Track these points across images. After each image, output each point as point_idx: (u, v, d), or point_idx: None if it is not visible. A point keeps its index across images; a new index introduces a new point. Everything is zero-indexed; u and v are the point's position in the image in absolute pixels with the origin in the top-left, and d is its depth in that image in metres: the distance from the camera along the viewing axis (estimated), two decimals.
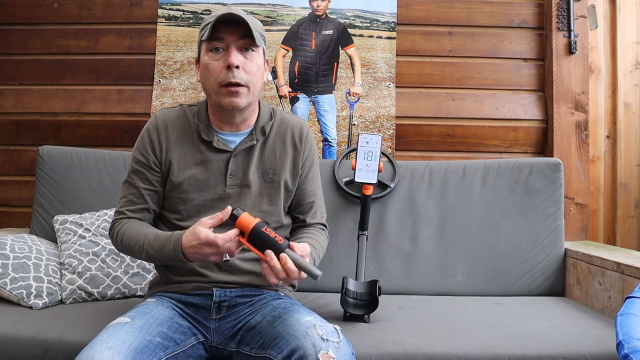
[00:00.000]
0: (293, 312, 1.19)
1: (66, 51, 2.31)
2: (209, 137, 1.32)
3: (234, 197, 1.32)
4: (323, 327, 1.10)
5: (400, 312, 1.61)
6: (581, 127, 2.20)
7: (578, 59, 2.22)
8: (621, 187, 2.40)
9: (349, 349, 1.09)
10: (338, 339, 1.08)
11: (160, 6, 2.31)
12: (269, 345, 1.13)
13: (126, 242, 1.27)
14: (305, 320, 1.12)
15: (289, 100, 2.26)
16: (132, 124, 2.25)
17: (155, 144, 1.33)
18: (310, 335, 1.06)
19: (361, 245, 1.72)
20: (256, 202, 1.34)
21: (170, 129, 1.34)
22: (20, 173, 2.29)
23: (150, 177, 1.33)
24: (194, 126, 1.34)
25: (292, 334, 1.09)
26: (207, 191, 1.32)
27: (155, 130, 1.34)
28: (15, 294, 1.58)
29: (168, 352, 1.12)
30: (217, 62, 1.26)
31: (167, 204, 1.35)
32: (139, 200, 1.33)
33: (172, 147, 1.33)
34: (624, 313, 1.12)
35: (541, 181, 1.93)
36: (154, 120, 1.37)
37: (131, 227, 1.29)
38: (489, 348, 1.29)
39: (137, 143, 1.37)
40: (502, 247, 1.89)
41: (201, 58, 1.30)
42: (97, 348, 1.01)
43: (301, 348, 1.04)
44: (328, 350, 1.03)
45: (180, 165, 1.32)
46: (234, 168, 1.33)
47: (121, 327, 1.09)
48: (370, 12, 2.30)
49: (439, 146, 2.28)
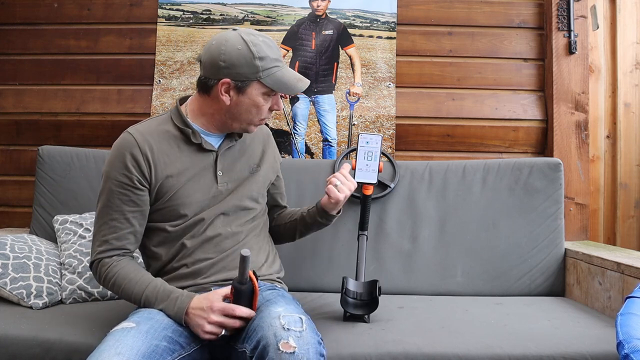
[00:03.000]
0: (270, 303, 1.19)
1: (66, 51, 2.31)
2: (197, 139, 1.34)
3: (225, 193, 1.36)
4: (287, 317, 1.10)
5: (400, 312, 1.61)
6: (581, 127, 2.20)
7: (578, 59, 2.22)
8: (621, 187, 2.40)
9: (314, 338, 1.08)
10: (301, 328, 1.07)
11: (160, 6, 2.31)
12: (243, 339, 1.14)
13: (118, 288, 1.27)
14: (274, 311, 1.13)
15: (288, 100, 2.26)
16: (132, 124, 2.23)
17: (139, 160, 1.28)
18: (273, 326, 1.07)
19: (361, 245, 1.72)
20: (246, 191, 1.40)
21: (152, 141, 1.31)
22: (20, 173, 2.29)
23: (135, 197, 1.29)
24: (177, 132, 1.35)
25: (260, 325, 1.10)
26: (202, 192, 1.34)
27: (137, 147, 1.29)
28: (15, 294, 1.58)
29: (175, 355, 1.12)
30: (268, 104, 1.33)
31: (161, 215, 1.33)
32: (123, 225, 1.29)
33: (160, 159, 1.31)
34: (624, 313, 1.12)
35: (541, 181, 1.92)
36: (129, 138, 1.31)
37: (123, 272, 1.27)
38: (489, 348, 1.29)
39: (112, 166, 1.29)
40: (502, 247, 1.89)
41: (250, 94, 1.30)
42: (105, 354, 1.01)
43: (264, 338, 1.05)
44: (288, 339, 1.03)
45: (174, 174, 1.32)
46: (222, 166, 1.37)
47: (127, 332, 1.09)
48: (370, 12, 2.30)
49: (439, 146, 2.28)
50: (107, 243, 1.29)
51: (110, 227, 1.29)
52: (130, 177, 1.28)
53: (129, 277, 1.26)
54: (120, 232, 1.29)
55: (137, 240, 1.33)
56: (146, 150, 1.30)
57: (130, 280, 1.25)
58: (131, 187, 1.28)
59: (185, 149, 1.35)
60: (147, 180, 1.30)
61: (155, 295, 1.23)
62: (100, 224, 1.31)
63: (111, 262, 1.29)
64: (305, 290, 1.84)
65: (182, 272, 1.32)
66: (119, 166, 1.29)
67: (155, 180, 1.30)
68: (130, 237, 1.31)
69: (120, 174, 1.28)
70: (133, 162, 1.28)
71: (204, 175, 1.35)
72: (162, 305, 1.21)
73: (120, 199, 1.28)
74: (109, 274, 1.28)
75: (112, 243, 1.29)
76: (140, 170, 1.29)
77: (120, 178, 1.28)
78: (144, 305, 1.24)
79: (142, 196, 1.30)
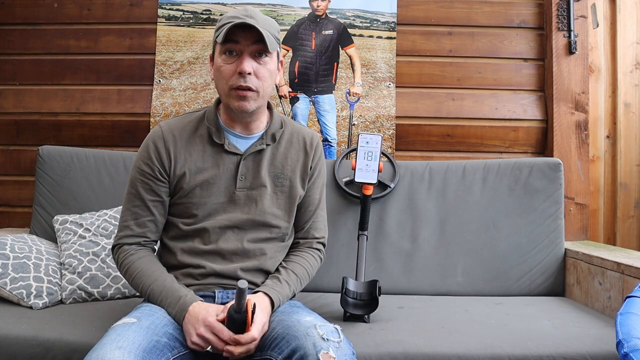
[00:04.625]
0: (293, 313, 1.19)
1: (66, 51, 2.31)
2: (220, 140, 1.33)
3: (243, 200, 1.33)
4: (323, 327, 1.10)
5: (400, 312, 1.61)
6: (581, 127, 2.20)
7: (578, 59, 2.22)
8: (621, 187, 2.40)
9: (350, 349, 1.09)
10: (339, 338, 1.08)
11: (160, 6, 2.31)
12: (269, 347, 1.12)
13: (130, 277, 1.29)
14: (306, 321, 1.13)
15: (288, 100, 2.26)
16: (132, 124, 2.25)
17: (162, 153, 1.32)
18: (311, 335, 1.06)
19: (361, 245, 1.72)
20: (266, 205, 1.34)
21: (177, 136, 1.34)
22: (20, 173, 2.29)
23: (155, 187, 1.32)
24: (204, 130, 1.35)
25: (292, 335, 1.09)
26: (218, 194, 1.33)
27: (162, 140, 1.33)
28: (15, 294, 1.58)
29: (174, 352, 1.13)
30: (229, 65, 1.26)
31: (177, 210, 1.35)
32: (144, 212, 1.33)
33: (181, 155, 1.33)
34: (624, 312, 1.12)
35: (541, 181, 1.92)
36: (158, 130, 1.35)
37: (137, 263, 1.29)
38: (489, 348, 1.29)
39: (139, 155, 1.35)
40: (502, 247, 1.89)
41: (215, 59, 1.30)
42: (107, 348, 1.01)
43: (302, 348, 1.04)
44: (329, 349, 1.03)
45: (192, 171, 1.32)
46: (244, 171, 1.34)
47: (129, 327, 1.09)
48: (370, 12, 2.30)
49: (439, 146, 2.28)
50: (128, 228, 1.33)
51: (133, 213, 1.33)
52: (152, 168, 1.32)
53: (141, 268, 1.28)
54: (141, 219, 1.33)
55: (157, 230, 1.36)
56: (169, 144, 1.33)
57: (141, 271, 1.27)
58: (152, 177, 1.32)
59: (209, 149, 1.34)
60: (167, 173, 1.33)
61: (160, 292, 1.23)
62: (124, 210, 1.35)
63: (130, 250, 1.32)
64: (305, 290, 1.82)
65: (188, 271, 1.32)
66: (144, 156, 1.34)
67: (173, 174, 1.33)
68: (151, 225, 1.34)
69: (144, 163, 1.33)
70: (156, 154, 1.33)
71: (224, 178, 1.33)
72: (165, 303, 1.22)
73: (143, 187, 1.33)
74: (125, 260, 1.30)
75: (132, 229, 1.33)
76: (162, 162, 1.32)
77: (143, 167, 1.33)
78: (148, 300, 1.25)
79: (162, 187, 1.33)
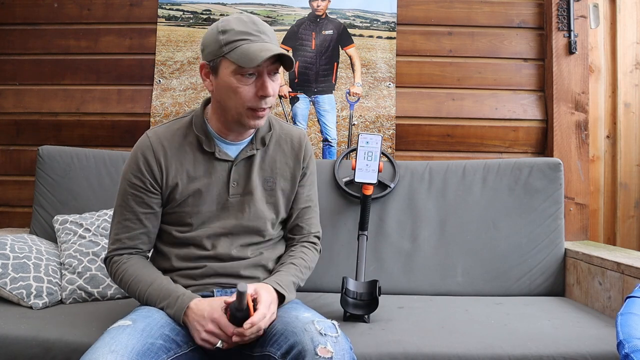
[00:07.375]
0: (291, 309, 1.20)
1: (66, 51, 2.31)
2: (211, 148, 1.31)
3: (236, 206, 1.33)
4: (321, 322, 1.11)
5: (400, 312, 1.61)
6: (581, 127, 2.20)
7: (578, 59, 2.22)
8: (621, 187, 2.40)
9: (347, 344, 1.10)
10: (336, 333, 1.09)
11: (160, 6, 2.31)
12: (268, 342, 1.13)
13: (125, 285, 1.28)
14: (304, 317, 1.13)
15: (289, 100, 2.26)
16: (132, 124, 2.25)
17: (152, 164, 1.29)
18: (309, 331, 1.07)
19: (361, 245, 1.72)
20: (259, 209, 1.34)
21: (166, 146, 1.30)
22: (20, 173, 2.29)
23: (147, 200, 1.29)
24: (193, 137, 1.32)
25: (290, 330, 1.10)
26: (211, 202, 1.32)
27: (151, 151, 1.29)
28: (15, 294, 1.58)
29: (170, 354, 1.12)
30: (248, 87, 1.20)
31: (170, 218, 1.34)
32: (136, 225, 1.30)
33: (172, 165, 1.30)
34: (625, 312, 1.12)
35: (541, 181, 1.92)
36: (146, 141, 1.31)
37: (131, 270, 1.28)
38: (489, 348, 1.29)
39: (128, 167, 1.31)
40: (502, 247, 1.89)
41: (222, 75, 1.21)
42: (100, 352, 1.01)
43: (299, 343, 1.05)
44: (326, 344, 1.04)
45: (184, 181, 1.30)
46: (236, 177, 1.33)
47: (123, 330, 1.09)
48: (370, 12, 2.30)
49: (439, 146, 2.28)
50: (120, 242, 1.31)
51: (124, 226, 1.31)
52: (143, 180, 1.29)
53: (136, 274, 1.27)
54: (133, 232, 1.31)
55: (150, 241, 1.34)
56: (160, 155, 1.29)
57: (136, 277, 1.26)
58: (144, 190, 1.29)
59: (200, 157, 1.32)
60: (159, 184, 1.30)
61: (157, 293, 1.23)
62: (115, 223, 1.32)
63: (121, 259, 1.30)
64: (305, 290, 1.83)
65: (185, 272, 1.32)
66: (133, 168, 1.30)
67: (165, 185, 1.30)
68: (143, 237, 1.32)
69: (134, 176, 1.29)
70: (146, 166, 1.29)
71: (216, 186, 1.32)
72: (163, 303, 1.21)
73: (134, 200, 1.30)
74: (119, 270, 1.29)
75: (124, 242, 1.31)
76: (153, 174, 1.29)
77: (133, 180, 1.29)
78: (146, 303, 1.25)
79: (154, 199, 1.30)
